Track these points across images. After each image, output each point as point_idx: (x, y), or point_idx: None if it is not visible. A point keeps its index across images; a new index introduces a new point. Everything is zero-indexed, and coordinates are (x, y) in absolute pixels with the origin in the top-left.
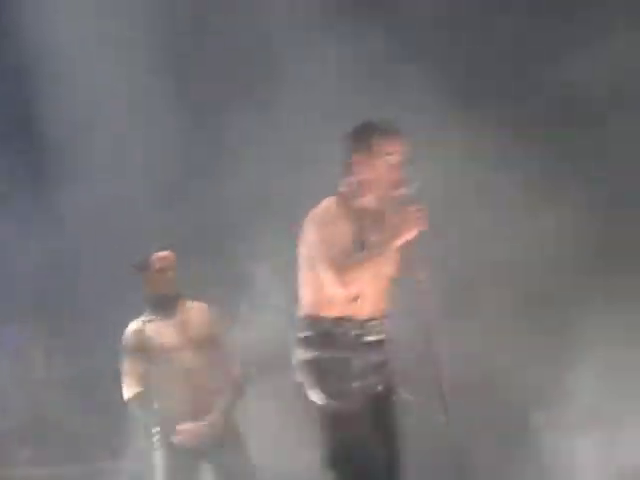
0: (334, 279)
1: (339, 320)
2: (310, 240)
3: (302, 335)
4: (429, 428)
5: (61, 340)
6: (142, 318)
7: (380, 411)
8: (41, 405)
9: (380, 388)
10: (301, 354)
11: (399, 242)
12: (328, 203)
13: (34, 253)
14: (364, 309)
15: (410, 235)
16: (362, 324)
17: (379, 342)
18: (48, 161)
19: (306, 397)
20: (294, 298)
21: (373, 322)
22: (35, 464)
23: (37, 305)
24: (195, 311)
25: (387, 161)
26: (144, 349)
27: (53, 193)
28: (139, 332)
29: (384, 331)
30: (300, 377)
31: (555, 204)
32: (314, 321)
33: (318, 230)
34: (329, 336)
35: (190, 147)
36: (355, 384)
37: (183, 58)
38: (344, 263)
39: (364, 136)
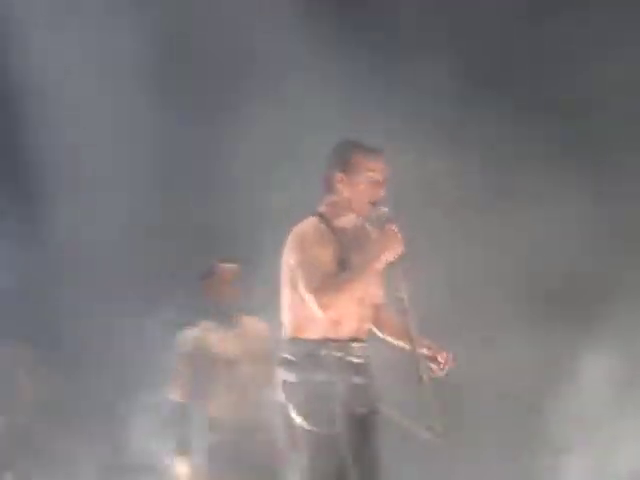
0: (315, 302)
1: (322, 341)
2: (291, 262)
3: (285, 356)
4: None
5: (46, 362)
6: (202, 325)
7: (363, 433)
8: (25, 429)
9: (364, 410)
10: (284, 375)
11: (380, 264)
12: (309, 224)
13: (19, 270)
14: (347, 330)
15: (389, 257)
16: (345, 346)
17: (363, 364)
18: (39, 178)
19: (288, 418)
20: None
21: (356, 344)
22: None
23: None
24: (252, 325)
25: (368, 178)
26: (203, 356)
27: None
28: (199, 339)
29: (367, 353)
30: (282, 398)
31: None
32: (297, 342)
33: (300, 252)
34: (312, 358)
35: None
36: (338, 408)
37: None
38: (325, 286)
39: (346, 153)
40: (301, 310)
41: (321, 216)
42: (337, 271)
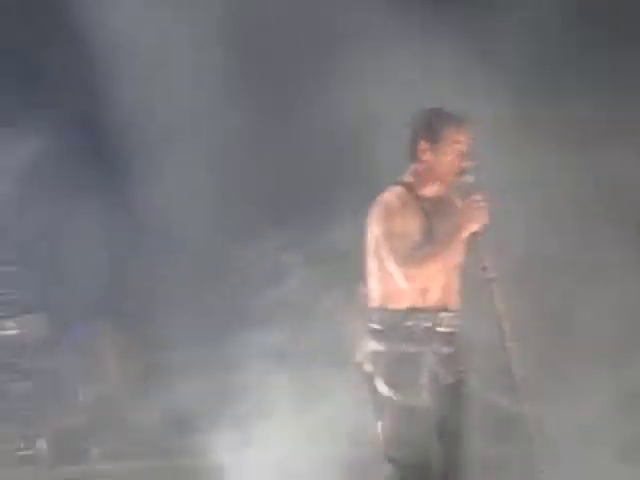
0: (401, 274)
1: (410, 312)
2: (376, 232)
3: (373, 326)
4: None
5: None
6: None
7: (450, 403)
8: (110, 401)
9: (450, 380)
10: (372, 345)
11: (465, 234)
12: (393, 193)
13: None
14: (434, 300)
15: (475, 226)
16: (433, 315)
17: (450, 334)
18: (120, 160)
19: (374, 388)
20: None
21: (445, 313)
22: (105, 460)
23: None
24: None
25: (454, 149)
26: None
27: (126, 191)
28: None
29: (455, 323)
30: (369, 368)
31: None
32: (385, 313)
33: (385, 222)
34: (400, 328)
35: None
36: (425, 378)
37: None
38: (410, 257)
39: (431, 122)
40: (388, 280)
41: (405, 185)
42: (422, 242)
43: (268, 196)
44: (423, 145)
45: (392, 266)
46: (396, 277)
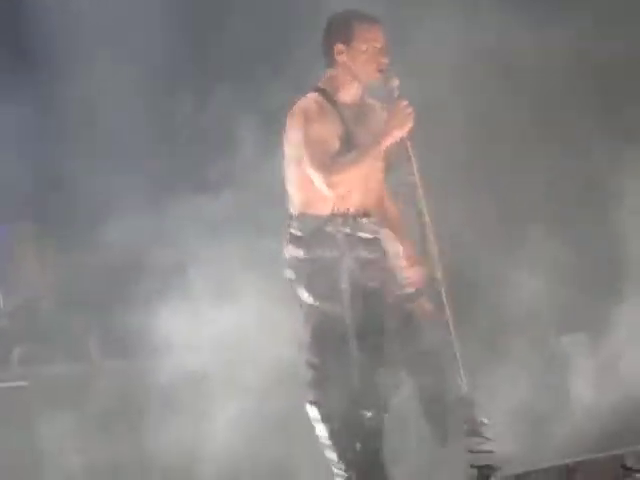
0: (323, 180)
1: (330, 217)
2: (295, 138)
3: (293, 232)
4: None
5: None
6: None
7: (374, 307)
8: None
9: (375, 284)
10: (292, 251)
11: (390, 140)
12: (310, 100)
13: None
14: (355, 206)
15: (400, 133)
16: (353, 221)
17: (372, 239)
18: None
19: (295, 294)
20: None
21: (365, 219)
22: (28, 363)
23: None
24: None
25: (370, 46)
26: None
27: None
28: None
29: (377, 228)
30: (290, 274)
31: None
32: (305, 218)
33: (303, 128)
34: (320, 234)
35: None
36: (345, 284)
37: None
38: (332, 164)
39: (346, 23)
40: (308, 186)
41: (321, 91)
42: (342, 147)
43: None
44: (339, 47)
45: (312, 173)
46: (317, 184)
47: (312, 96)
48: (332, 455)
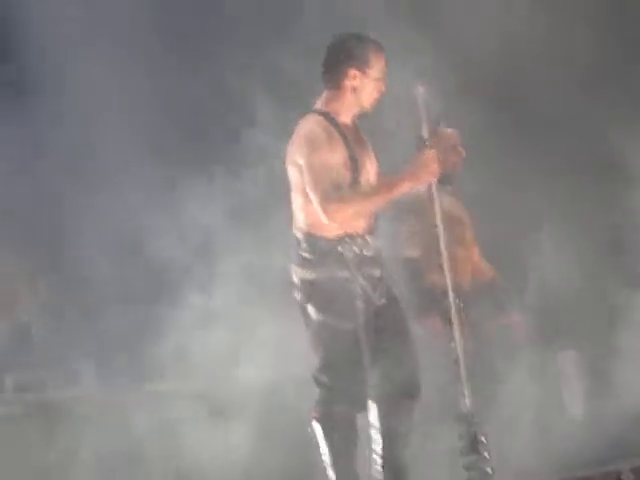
0: (319, 207)
1: (339, 238)
2: (300, 164)
3: (303, 254)
4: None
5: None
6: None
7: (384, 322)
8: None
9: (384, 301)
10: (301, 274)
11: (407, 189)
12: (316, 123)
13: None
14: (362, 225)
15: (417, 185)
16: (362, 240)
17: (376, 257)
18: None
19: (307, 316)
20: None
21: (369, 237)
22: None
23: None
24: None
25: (380, 74)
26: None
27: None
28: None
29: (377, 246)
30: (300, 296)
31: None
32: (314, 240)
33: (309, 154)
34: (331, 255)
35: None
36: (360, 302)
37: None
38: (334, 192)
39: (362, 50)
40: (313, 212)
41: (324, 114)
42: (349, 173)
43: None
44: (353, 72)
45: (313, 198)
46: (315, 207)
47: (316, 119)
48: (333, 474)
